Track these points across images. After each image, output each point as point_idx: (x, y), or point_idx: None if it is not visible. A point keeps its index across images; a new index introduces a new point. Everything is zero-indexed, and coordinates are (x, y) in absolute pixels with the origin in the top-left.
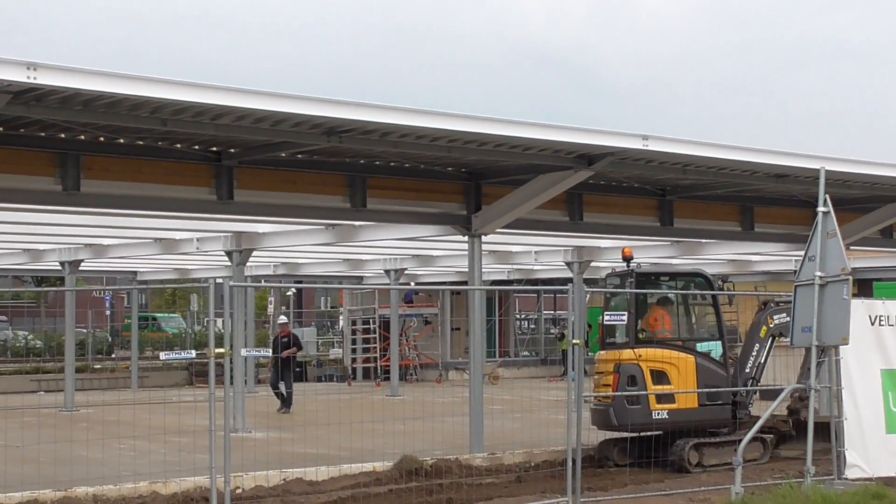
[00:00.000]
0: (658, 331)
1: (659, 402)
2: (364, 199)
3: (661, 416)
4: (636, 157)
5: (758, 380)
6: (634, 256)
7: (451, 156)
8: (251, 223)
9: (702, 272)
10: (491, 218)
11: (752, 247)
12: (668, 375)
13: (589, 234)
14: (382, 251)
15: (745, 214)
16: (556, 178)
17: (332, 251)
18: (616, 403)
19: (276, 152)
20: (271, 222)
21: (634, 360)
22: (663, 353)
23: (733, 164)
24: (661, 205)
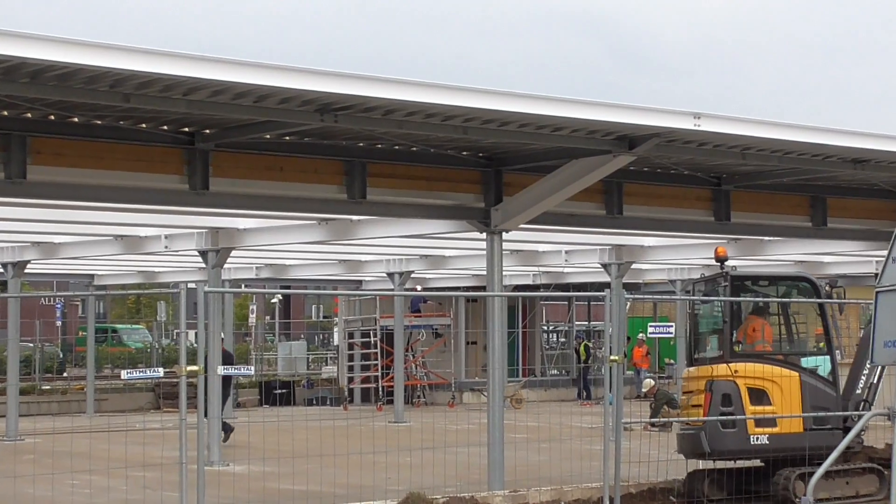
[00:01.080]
0: (756, 342)
1: (758, 425)
2: (363, 189)
3: (761, 441)
4: (686, 139)
5: (871, 402)
6: (727, 256)
7: (466, 138)
8: (230, 217)
9: (807, 276)
10: (513, 211)
11: (824, 245)
12: (769, 395)
13: (630, 231)
14: (385, 251)
15: (817, 207)
16: (592, 165)
17: (326, 251)
18: (708, 427)
19: (259, 134)
20: (253, 216)
21: (729, 376)
22: (763, 368)
23: (802, 146)
24: (715, 196)
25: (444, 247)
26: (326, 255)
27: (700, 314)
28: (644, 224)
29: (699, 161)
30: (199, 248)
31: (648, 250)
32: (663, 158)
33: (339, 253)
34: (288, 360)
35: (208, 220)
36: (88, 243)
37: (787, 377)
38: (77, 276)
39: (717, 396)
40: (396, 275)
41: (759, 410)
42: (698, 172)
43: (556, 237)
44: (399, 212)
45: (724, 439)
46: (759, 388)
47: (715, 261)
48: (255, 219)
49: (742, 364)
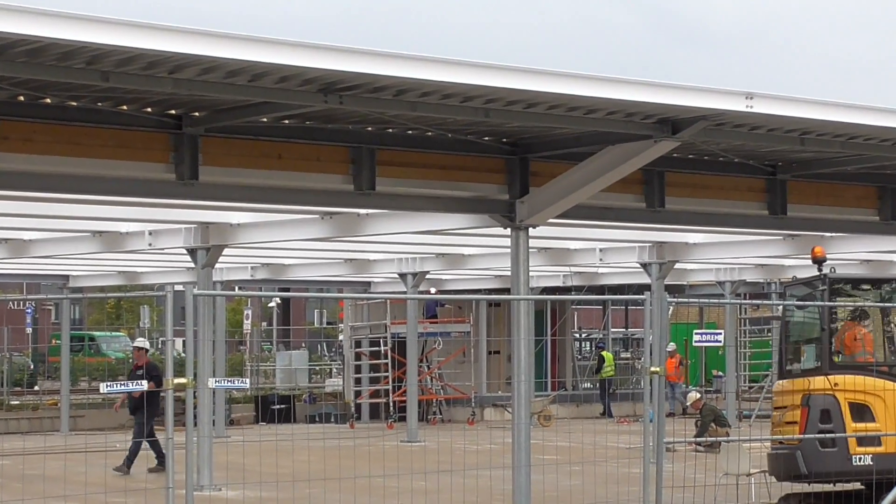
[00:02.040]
0: (858, 353)
1: (861, 444)
2: (372, 179)
3: (864, 462)
4: (737, 123)
5: None
6: (827, 256)
7: (488, 121)
8: (222, 211)
9: None
10: (541, 204)
11: (894, 242)
12: (872, 410)
13: (673, 226)
14: (396, 249)
15: (885, 199)
16: (630, 152)
17: (330, 249)
18: (804, 446)
19: (254, 117)
20: (248, 210)
21: (829, 389)
22: (865, 381)
23: (869, 130)
24: (769, 186)
25: (462, 244)
26: (330, 254)
27: (793, 321)
28: (689, 218)
29: (751, 147)
30: (187, 246)
31: (693, 248)
32: (711, 144)
33: (344, 251)
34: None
35: (197, 214)
36: (62, 240)
37: (893, 391)
38: (50, 276)
39: (814, 412)
40: (409, 276)
41: (861, 428)
42: (750, 160)
43: (590, 233)
44: (412, 205)
45: (823, 459)
46: (862, 403)
47: (812, 262)
48: (249, 213)
49: (842, 376)
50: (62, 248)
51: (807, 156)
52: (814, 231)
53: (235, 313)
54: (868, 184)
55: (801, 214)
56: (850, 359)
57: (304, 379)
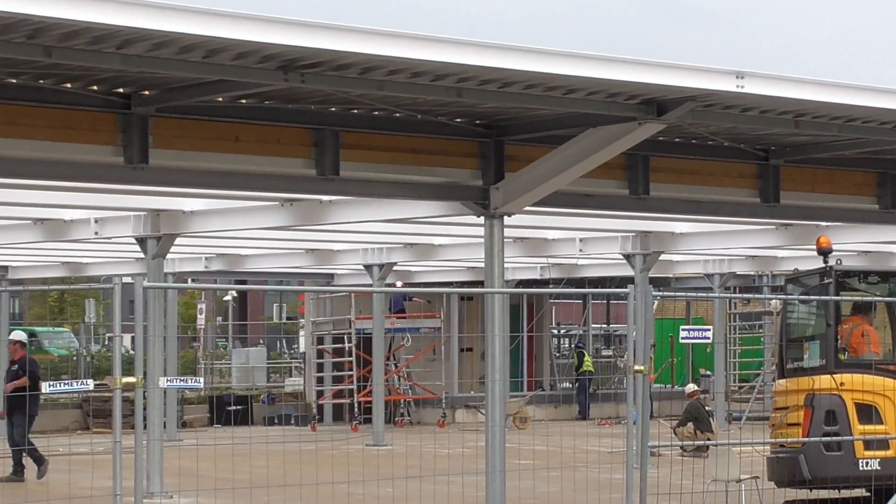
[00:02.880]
0: (865, 351)
1: (868, 448)
2: (336, 163)
3: (871, 467)
4: (727, 104)
5: None
6: (832, 248)
7: (461, 101)
8: (173, 198)
9: None
10: (517, 191)
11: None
12: (881, 411)
13: (658, 215)
14: (362, 238)
15: (885, 186)
16: (612, 135)
17: (290, 238)
18: (808, 450)
19: (209, 96)
20: (202, 196)
21: (834, 389)
22: (874, 380)
23: (868, 112)
24: (762, 172)
25: (433, 233)
26: (291, 244)
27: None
28: (675, 206)
29: (742, 130)
30: (136, 235)
31: (680, 238)
32: (699, 127)
33: (306, 241)
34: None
35: (147, 201)
36: (1, 228)
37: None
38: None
39: (819, 413)
40: (375, 267)
41: (869, 430)
42: (741, 144)
43: (569, 222)
44: (379, 191)
45: (828, 464)
46: (869, 404)
47: (817, 253)
48: (204, 199)
49: (849, 375)
50: (0, 236)
51: (801, 139)
52: (809, 220)
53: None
54: (867, 169)
55: (796, 202)
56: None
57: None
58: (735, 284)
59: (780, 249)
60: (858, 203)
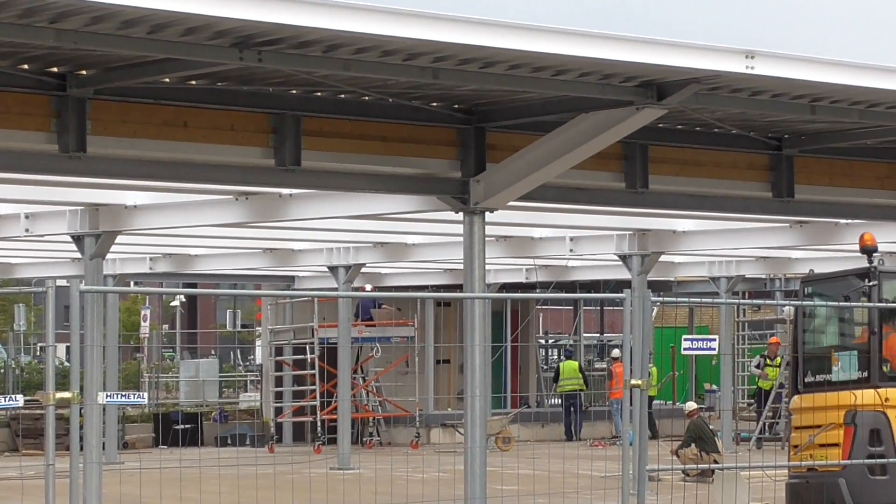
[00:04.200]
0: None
1: None
2: (297, 152)
3: None
4: (735, 87)
5: None
6: (876, 246)
7: (438, 84)
8: (115, 190)
9: None
10: (501, 184)
11: None
12: None
13: (658, 211)
14: (326, 237)
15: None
16: (607, 121)
17: (246, 237)
18: (850, 474)
19: (155, 77)
20: (147, 189)
21: (879, 405)
22: None
23: (893, 96)
24: (774, 163)
25: (405, 231)
26: (246, 243)
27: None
28: (677, 201)
29: (752, 116)
30: (72, 233)
31: (682, 237)
32: (704, 113)
33: (263, 239)
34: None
35: (85, 194)
36: None
37: None
38: None
39: (862, 432)
40: (341, 269)
41: None
42: (751, 132)
43: (559, 219)
44: (345, 183)
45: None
46: None
47: (860, 251)
48: (148, 192)
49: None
50: None
51: (818, 127)
52: (826, 217)
53: (131, 314)
54: (892, 161)
55: (812, 197)
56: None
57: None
58: (744, 289)
59: (794, 250)
60: (882, 198)
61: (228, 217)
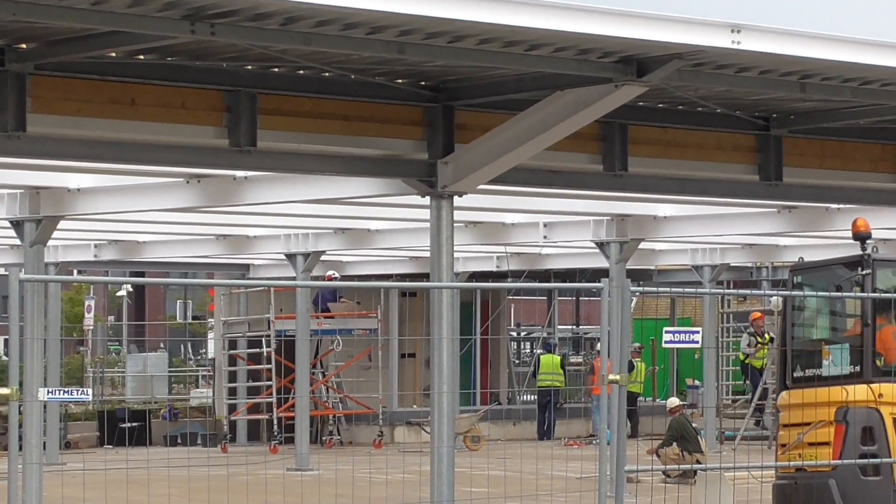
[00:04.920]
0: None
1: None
2: (253, 132)
3: None
4: (720, 63)
5: None
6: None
7: (403, 59)
8: (57, 172)
9: None
10: (470, 166)
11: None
12: None
13: (638, 195)
14: (283, 223)
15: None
16: (584, 99)
17: (198, 222)
18: (841, 474)
19: (99, 51)
20: (92, 171)
21: (872, 402)
22: None
23: (887, 74)
24: (761, 144)
25: (368, 217)
26: (198, 229)
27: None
28: (658, 185)
29: (738, 95)
30: (11, 218)
31: (664, 223)
32: (687, 91)
33: (216, 225)
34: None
35: (25, 176)
36: None
37: None
38: None
39: (854, 430)
40: (300, 257)
41: None
42: (737, 111)
43: (532, 203)
44: (304, 165)
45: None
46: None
47: (853, 238)
48: (93, 174)
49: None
50: None
51: (808, 106)
52: (817, 201)
53: (74, 304)
54: (886, 142)
55: (801, 180)
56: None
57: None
58: (729, 278)
59: (782, 237)
60: (876, 181)
61: (179, 201)
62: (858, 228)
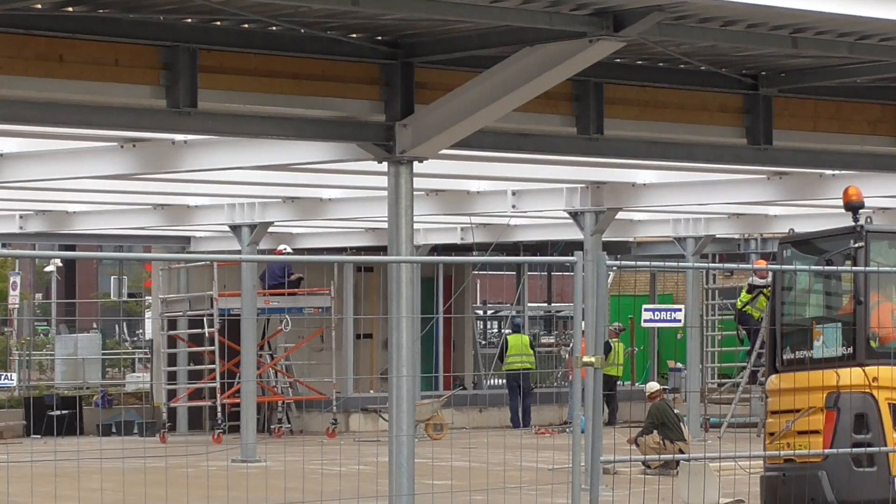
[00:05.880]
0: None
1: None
2: (193, 92)
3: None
4: (704, 16)
5: None
6: (863, 202)
7: (358, 11)
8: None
9: None
10: (432, 129)
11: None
12: None
13: (614, 161)
14: (227, 191)
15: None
16: (555, 56)
17: (133, 190)
18: (832, 465)
19: (25, 2)
20: (16, 135)
21: (865, 386)
22: None
23: (888, 27)
24: (749, 105)
25: (320, 184)
26: (134, 198)
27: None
28: (637, 149)
29: (724, 51)
30: None
31: (643, 191)
32: (668, 46)
33: (153, 194)
34: (72, 365)
35: None
36: None
37: None
38: None
39: (845, 417)
40: (245, 228)
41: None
42: (723, 68)
43: (499, 170)
44: (249, 128)
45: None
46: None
47: (845, 208)
48: (18, 138)
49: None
50: None
51: (801, 63)
52: (809, 167)
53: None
54: (885, 102)
55: (792, 144)
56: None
57: (97, 373)
58: (714, 251)
59: (772, 205)
60: (874, 145)
61: (113, 168)
62: (850, 197)
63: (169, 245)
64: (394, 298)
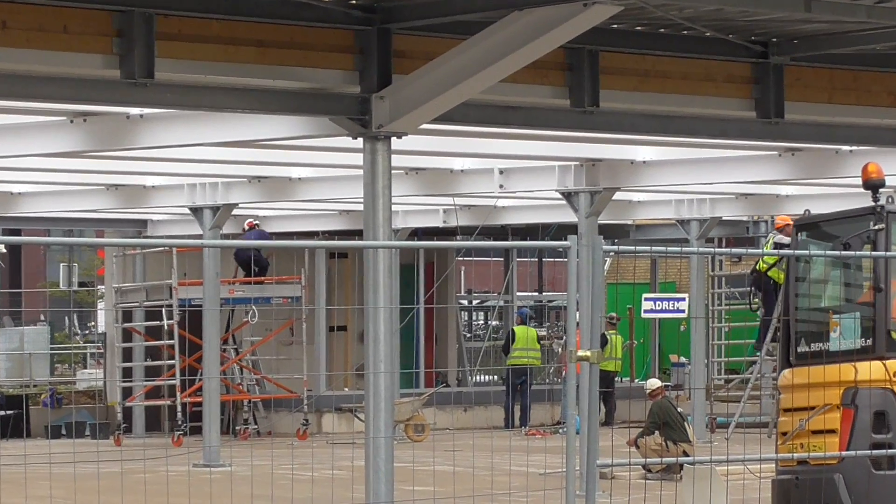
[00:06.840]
0: None
1: None
2: (150, 61)
3: None
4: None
5: None
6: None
7: None
8: None
9: None
10: (411, 101)
11: None
12: None
13: (611, 136)
14: (187, 170)
15: None
16: (546, 21)
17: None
18: (849, 468)
19: None
20: None
21: (885, 381)
22: None
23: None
24: (759, 75)
25: (289, 163)
26: (85, 178)
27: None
28: (635, 123)
29: (731, 15)
30: None
31: (643, 169)
32: (670, 10)
33: (107, 173)
34: (17, 360)
35: None
36: None
37: None
38: None
39: (863, 415)
40: (207, 210)
41: None
42: (730, 35)
43: (485, 146)
44: (211, 101)
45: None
46: None
47: (863, 186)
48: None
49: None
50: None
51: (815, 28)
52: (824, 143)
53: None
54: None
55: (805, 117)
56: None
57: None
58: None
59: (784, 184)
60: (894, 118)
61: (62, 144)
62: (869, 175)
63: (123, 229)
64: (370, 287)
